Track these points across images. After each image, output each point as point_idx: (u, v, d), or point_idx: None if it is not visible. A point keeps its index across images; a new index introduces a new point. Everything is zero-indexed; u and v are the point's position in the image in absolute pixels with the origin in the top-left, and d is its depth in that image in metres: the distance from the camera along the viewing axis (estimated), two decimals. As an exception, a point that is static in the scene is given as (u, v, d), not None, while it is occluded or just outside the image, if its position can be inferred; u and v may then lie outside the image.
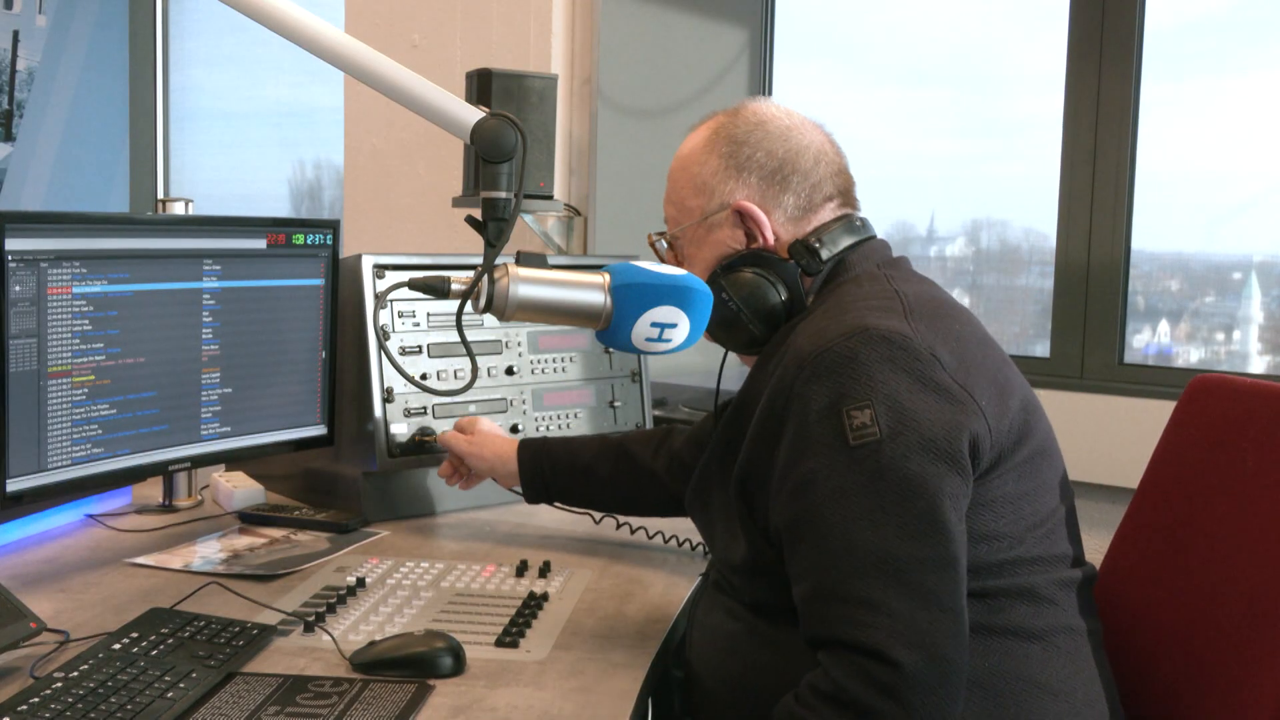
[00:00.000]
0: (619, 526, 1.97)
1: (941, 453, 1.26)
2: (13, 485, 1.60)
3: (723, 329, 1.51)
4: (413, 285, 1.59)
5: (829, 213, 1.53)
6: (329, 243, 2.03)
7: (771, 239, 1.50)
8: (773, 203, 1.51)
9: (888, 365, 1.29)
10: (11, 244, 1.56)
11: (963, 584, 1.26)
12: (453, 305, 1.57)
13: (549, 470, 1.90)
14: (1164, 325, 2.82)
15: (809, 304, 1.48)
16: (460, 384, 1.71)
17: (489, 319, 1.80)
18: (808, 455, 1.29)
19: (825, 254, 1.48)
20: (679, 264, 1.58)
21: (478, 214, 1.57)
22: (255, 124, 4.26)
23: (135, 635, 1.40)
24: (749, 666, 1.41)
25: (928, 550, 1.24)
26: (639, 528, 1.94)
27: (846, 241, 1.50)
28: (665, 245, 1.61)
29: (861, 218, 1.54)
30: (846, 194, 1.55)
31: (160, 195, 4.28)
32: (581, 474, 1.89)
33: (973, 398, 1.31)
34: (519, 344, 2.17)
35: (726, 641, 1.45)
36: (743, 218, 1.51)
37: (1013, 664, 1.33)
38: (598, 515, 2.02)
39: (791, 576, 1.31)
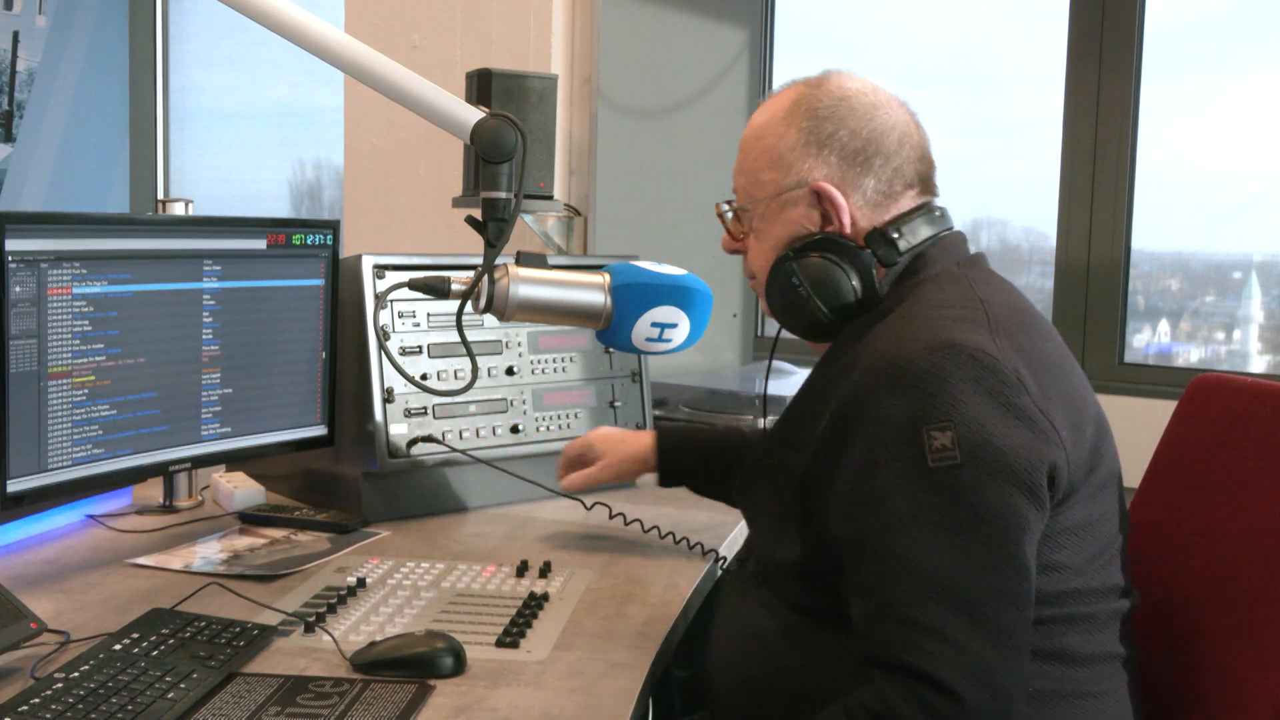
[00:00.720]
0: (628, 523, 1.96)
1: (1021, 484, 1.22)
2: (13, 486, 1.60)
3: (787, 312, 1.46)
4: (413, 285, 1.59)
5: (909, 200, 1.46)
6: (329, 243, 2.03)
7: (848, 224, 1.43)
8: (852, 186, 1.44)
9: (972, 386, 1.23)
10: (11, 244, 1.56)
11: (1030, 619, 1.22)
12: (453, 305, 1.58)
13: (685, 459, 1.90)
14: (1164, 325, 2.82)
15: (883, 298, 1.42)
16: (460, 384, 1.71)
17: (489, 319, 1.80)
18: (882, 471, 1.24)
19: (903, 245, 1.42)
20: (745, 237, 1.52)
21: (478, 214, 1.57)
22: (255, 124, 4.26)
23: (136, 636, 1.40)
24: (778, 667, 1.38)
25: (1000, 583, 1.20)
26: (633, 520, 1.94)
27: (925, 233, 1.44)
28: (732, 216, 1.53)
29: (941, 207, 1.48)
30: (926, 180, 1.48)
31: (160, 195, 4.28)
32: (711, 464, 1.87)
33: (1054, 426, 1.26)
34: (519, 344, 2.17)
35: (759, 638, 1.42)
36: (820, 199, 1.44)
37: (1055, 686, 1.30)
38: (589, 502, 2.01)
39: (852, 591, 1.26)
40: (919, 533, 1.21)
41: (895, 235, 1.42)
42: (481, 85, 2.37)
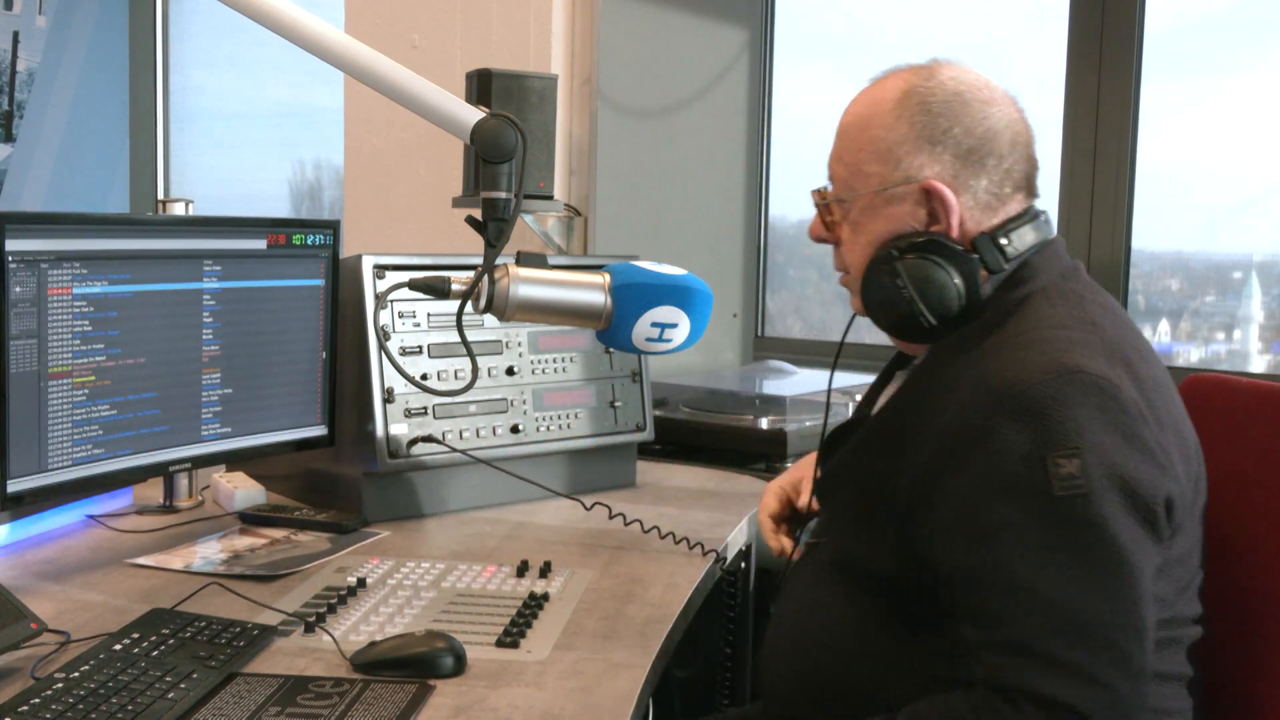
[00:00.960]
0: (628, 523, 1.96)
1: (1144, 516, 1.20)
2: (13, 486, 1.60)
3: (886, 312, 1.40)
4: (413, 285, 1.59)
5: (1016, 204, 1.41)
6: (329, 243, 2.03)
7: (956, 226, 1.38)
8: (963, 186, 1.38)
9: (1097, 415, 1.20)
10: (12, 244, 1.56)
11: (1151, 648, 1.21)
12: (453, 305, 1.57)
13: None
14: (1164, 324, 2.81)
15: (985, 307, 1.38)
16: (460, 384, 1.71)
17: (489, 319, 1.80)
18: (1002, 500, 1.21)
19: (1010, 252, 1.38)
20: (840, 226, 1.46)
21: (478, 214, 1.57)
22: (255, 124, 4.26)
23: (136, 636, 1.40)
24: (846, 658, 1.36)
25: (1130, 617, 1.18)
26: (633, 520, 1.94)
27: (1031, 240, 1.40)
28: (826, 205, 1.47)
29: (1043, 211, 1.43)
30: (1031, 182, 1.44)
31: (160, 196, 4.28)
32: None
33: (1170, 459, 1.25)
34: (519, 344, 2.17)
35: (831, 627, 1.39)
36: (929, 197, 1.38)
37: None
38: (589, 502, 2.01)
39: (966, 616, 1.23)
40: (1048, 565, 1.18)
41: (1004, 241, 1.38)
42: (481, 85, 2.37)
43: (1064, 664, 1.15)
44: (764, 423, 2.47)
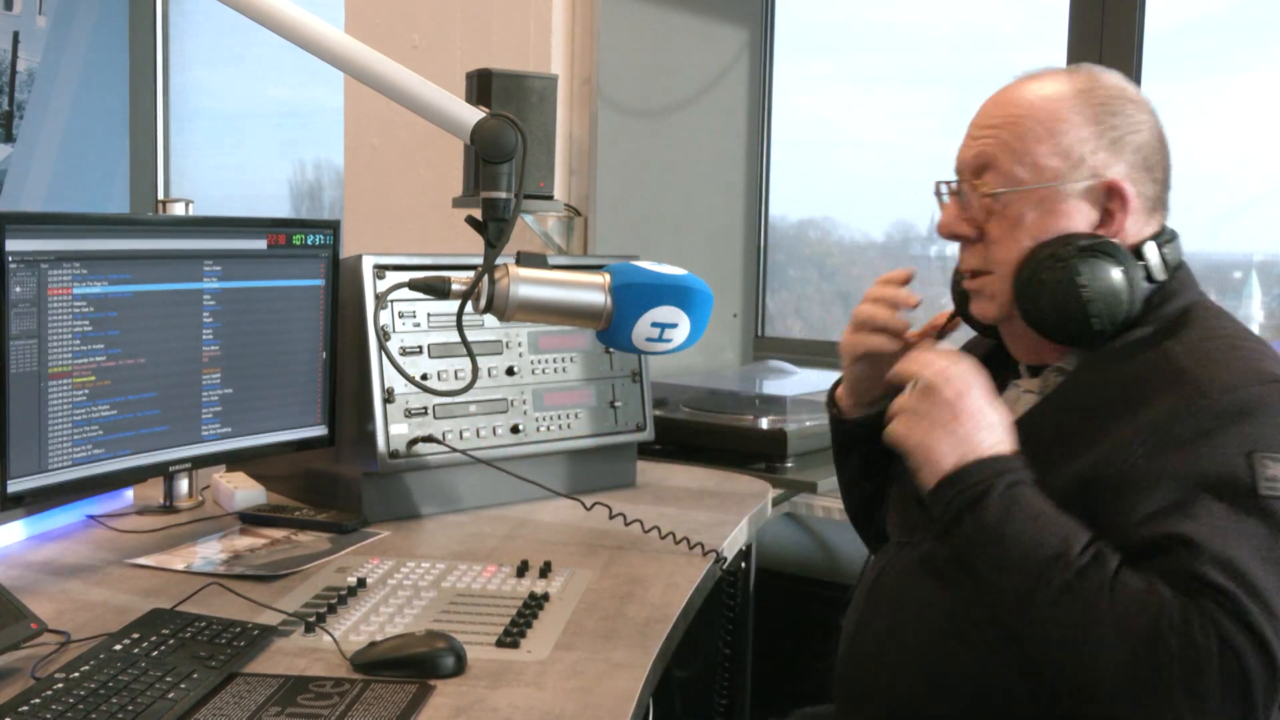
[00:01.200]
0: (628, 523, 1.96)
1: None
2: (14, 486, 1.60)
3: (1050, 308, 1.36)
4: (413, 286, 1.59)
5: (1162, 215, 1.44)
6: (329, 243, 2.03)
7: (1125, 230, 1.39)
8: (1138, 190, 1.39)
9: None
10: (12, 245, 1.56)
11: None
12: (453, 305, 1.57)
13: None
14: (1164, 325, 2.81)
15: (1142, 315, 1.38)
16: (461, 384, 1.71)
17: (489, 319, 1.80)
18: (1214, 492, 1.24)
19: (1170, 262, 1.40)
20: (990, 221, 1.43)
21: (478, 214, 1.56)
22: (255, 124, 4.26)
23: (136, 636, 1.40)
24: (946, 654, 1.36)
25: None
26: (633, 520, 1.94)
27: (1178, 254, 1.42)
28: (974, 197, 1.43)
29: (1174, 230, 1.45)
30: (1168, 195, 1.46)
31: (160, 196, 4.28)
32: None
33: None
34: (519, 344, 2.17)
35: (932, 624, 1.39)
36: (1110, 196, 1.38)
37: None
38: (589, 502, 2.02)
39: (1172, 565, 1.23)
40: (1254, 556, 1.21)
41: (1165, 251, 1.40)
42: (481, 85, 2.37)
43: (1255, 631, 1.17)
44: (764, 423, 2.47)
